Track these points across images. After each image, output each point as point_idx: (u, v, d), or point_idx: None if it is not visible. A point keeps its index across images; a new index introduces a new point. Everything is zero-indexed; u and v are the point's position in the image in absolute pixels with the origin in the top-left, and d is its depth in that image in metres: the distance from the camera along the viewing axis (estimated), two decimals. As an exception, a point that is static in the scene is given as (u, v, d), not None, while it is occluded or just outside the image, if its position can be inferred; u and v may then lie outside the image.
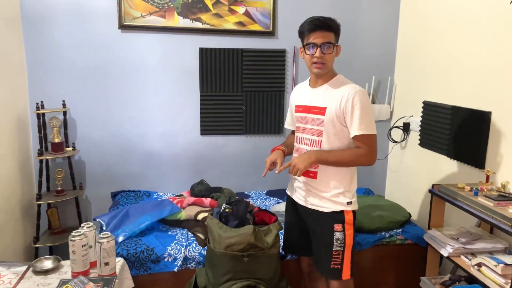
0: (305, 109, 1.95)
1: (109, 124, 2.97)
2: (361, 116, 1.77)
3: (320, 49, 1.81)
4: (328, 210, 1.88)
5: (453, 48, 2.53)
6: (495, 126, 2.19)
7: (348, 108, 1.79)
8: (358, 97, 1.78)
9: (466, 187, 2.08)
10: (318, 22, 1.82)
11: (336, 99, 1.82)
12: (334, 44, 1.83)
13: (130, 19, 2.84)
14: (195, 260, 2.27)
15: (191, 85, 3.04)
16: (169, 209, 2.51)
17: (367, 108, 1.80)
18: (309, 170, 1.89)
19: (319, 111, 1.87)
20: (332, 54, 1.84)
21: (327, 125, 1.84)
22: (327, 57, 1.82)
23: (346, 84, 1.86)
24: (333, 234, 1.87)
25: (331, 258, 1.88)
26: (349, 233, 1.88)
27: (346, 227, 1.87)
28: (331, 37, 1.82)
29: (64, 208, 2.93)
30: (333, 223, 1.87)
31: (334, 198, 1.88)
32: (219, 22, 2.97)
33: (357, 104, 1.78)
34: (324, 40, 1.81)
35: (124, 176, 3.06)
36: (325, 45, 1.80)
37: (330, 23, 1.83)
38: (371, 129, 1.80)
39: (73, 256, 1.61)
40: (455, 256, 2.03)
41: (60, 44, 2.82)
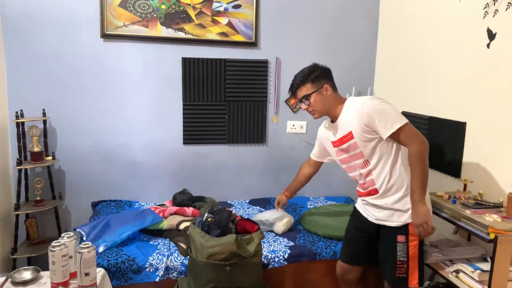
0: (339, 142, 2.03)
1: (91, 133, 2.95)
2: (381, 118, 1.83)
3: (302, 103, 2.01)
4: (393, 224, 1.96)
5: (429, 61, 2.61)
6: (470, 136, 2.26)
7: (366, 119, 1.85)
8: (367, 105, 1.85)
9: (445, 195, 2.13)
10: (291, 86, 2.03)
11: (354, 119, 1.90)
12: (310, 95, 1.96)
13: (112, 28, 2.84)
14: (177, 270, 2.26)
15: (174, 95, 3.04)
16: (151, 218, 2.49)
17: (381, 108, 1.84)
18: (369, 190, 2.01)
19: (348, 137, 1.95)
20: (315, 102, 1.97)
21: (361, 143, 1.92)
22: (313, 106, 1.98)
23: (353, 102, 1.94)
24: (396, 245, 1.94)
25: (396, 268, 1.95)
26: (413, 244, 1.93)
27: (410, 238, 1.93)
28: (306, 90, 1.97)
29: (43, 218, 2.88)
30: (396, 234, 1.94)
31: (398, 205, 1.93)
32: (202, 32, 2.99)
33: (370, 112, 1.84)
34: (300, 96, 2.00)
35: (105, 186, 3.02)
36: (303, 99, 1.99)
37: (299, 80, 1.99)
38: (399, 121, 1.82)
39: (53, 267, 1.58)
40: (434, 263, 2.07)
41: (41, 52, 2.79)
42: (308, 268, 2.39)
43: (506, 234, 1.68)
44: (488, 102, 2.14)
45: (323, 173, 3.34)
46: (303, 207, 3.08)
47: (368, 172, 1.97)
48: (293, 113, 3.26)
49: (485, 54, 2.15)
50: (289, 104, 3.24)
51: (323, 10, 3.18)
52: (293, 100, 3.23)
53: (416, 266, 1.95)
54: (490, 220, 1.77)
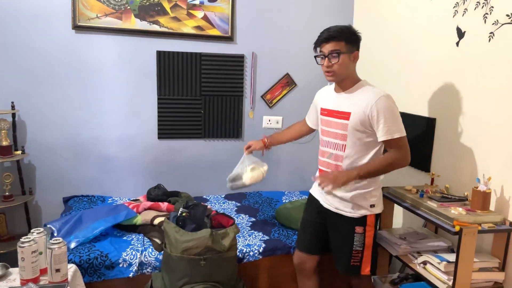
0: (329, 113, 2.00)
1: (62, 127, 2.88)
2: (387, 120, 1.81)
3: (327, 59, 1.87)
4: (351, 215, 1.96)
5: (402, 58, 2.67)
6: (440, 132, 2.33)
7: (373, 113, 1.82)
8: (382, 102, 1.82)
9: (413, 189, 2.19)
10: (326, 34, 1.87)
11: (360, 105, 1.86)
12: (341, 53, 1.85)
13: (84, 20, 2.78)
14: (151, 265, 2.24)
15: (148, 88, 3.01)
16: (125, 214, 2.47)
17: (392, 111, 1.83)
18: (335, 164, 1.97)
19: (343, 115, 1.91)
20: (342, 62, 1.86)
21: (351, 129, 1.88)
22: (335, 66, 1.86)
23: (370, 89, 1.90)
24: (353, 235, 1.96)
25: (351, 256, 1.98)
26: (369, 235, 1.97)
27: (367, 229, 1.97)
28: (340, 46, 1.85)
29: (12, 214, 2.81)
30: (355, 225, 1.96)
31: (358, 201, 1.94)
32: (178, 26, 2.96)
33: (382, 109, 1.81)
34: (330, 49, 1.86)
35: (77, 181, 2.97)
36: (331, 54, 1.85)
37: (337, 33, 1.86)
38: (401, 131, 1.83)
39: (22, 263, 1.55)
40: (403, 255, 2.13)
41: (10, 43, 2.70)
42: (283, 261, 2.42)
43: (470, 226, 1.75)
44: (457, 99, 2.20)
45: (298, 168, 3.40)
46: (279, 201, 3.11)
47: (340, 157, 1.96)
48: (269, 108, 3.28)
49: (455, 52, 2.22)
50: (265, 99, 3.25)
51: (298, 5, 3.20)
52: (269, 95, 3.25)
53: (370, 254, 2.00)
54: (455, 213, 1.83)
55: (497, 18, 1.95)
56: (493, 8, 1.97)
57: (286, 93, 3.28)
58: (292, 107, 3.29)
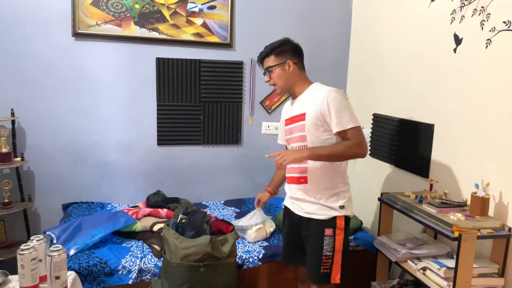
0: (290, 121, 2.04)
1: (61, 134, 2.89)
2: (338, 112, 1.83)
3: (266, 75, 2.03)
4: (322, 217, 1.94)
5: (400, 65, 2.68)
6: (438, 138, 2.34)
7: (324, 107, 1.85)
8: (332, 95, 1.85)
9: (412, 195, 2.20)
10: (260, 54, 2.04)
11: (313, 103, 1.90)
12: (273, 67, 1.97)
13: (84, 27, 2.79)
14: (150, 272, 2.24)
15: (148, 95, 3.02)
16: (124, 220, 2.47)
17: (343, 103, 1.85)
18: (300, 176, 1.97)
19: (300, 118, 1.95)
20: (277, 75, 1.97)
21: (309, 128, 1.91)
22: (274, 79, 1.99)
23: (320, 88, 1.95)
24: (323, 238, 1.93)
25: (321, 263, 1.94)
26: (339, 238, 1.94)
27: (337, 232, 1.93)
28: (270, 62, 1.98)
29: (12, 221, 2.80)
30: (324, 228, 1.93)
31: (328, 202, 1.94)
32: (177, 33, 2.98)
33: (332, 102, 1.84)
34: (264, 67, 2.02)
35: (76, 187, 2.97)
36: (266, 70, 2.01)
37: (267, 50, 2.00)
38: (353, 122, 1.84)
39: (22, 271, 1.54)
40: (402, 261, 2.14)
41: (10, 51, 2.72)
42: (282, 268, 2.42)
43: (469, 232, 1.76)
44: (454, 105, 2.22)
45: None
46: (278, 208, 3.11)
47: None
48: (268, 114, 3.29)
49: (452, 58, 2.23)
50: (264, 105, 3.26)
51: (297, 12, 3.22)
52: (268, 101, 3.26)
53: (340, 261, 1.96)
54: (454, 218, 1.84)
55: (494, 25, 1.96)
56: (490, 15, 1.99)
57: (284, 100, 3.29)
58: (291, 113, 3.29)
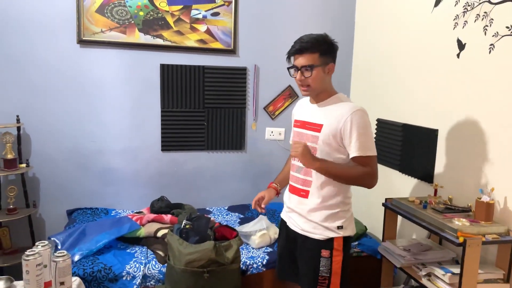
0: (302, 125, 1.89)
1: (66, 140, 2.90)
2: (360, 137, 1.70)
3: (300, 72, 1.76)
4: (318, 237, 1.81)
5: (403, 69, 2.69)
6: (442, 143, 2.34)
7: (346, 127, 1.71)
8: (357, 117, 1.70)
9: (416, 200, 2.19)
10: (299, 45, 1.75)
11: (334, 117, 1.75)
12: (315, 66, 1.73)
13: (89, 34, 2.82)
14: (154, 278, 2.24)
15: (152, 101, 3.04)
16: (128, 226, 2.47)
17: (366, 128, 1.72)
18: (302, 188, 1.86)
19: (315, 127, 1.80)
20: (316, 76, 1.74)
21: (321, 143, 1.77)
22: (309, 80, 1.75)
23: (345, 103, 1.78)
24: (319, 259, 1.80)
25: (317, 283, 1.82)
26: (337, 260, 1.80)
27: (334, 253, 1.80)
28: (313, 59, 1.73)
29: (17, 227, 2.81)
30: (321, 248, 1.81)
31: (325, 222, 1.80)
32: (181, 39, 3.00)
33: (355, 124, 1.70)
34: (303, 63, 1.74)
35: (80, 193, 2.98)
36: (304, 68, 1.74)
37: (311, 44, 1.73)
38: (374, 150, 1.73)
39: (27, 276, 1.55)
40: (407, 267, 2.13)
41: (15, 57, 2.74)
42: (286, 273, 2.41)
43: (474, 237, 1.75)
44: (458, 110, 2.21)
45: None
46: (281, 213, 3.10)
47: (309, 172, 1.83)
48: (272, 120, 3.30)
49: (455, 63, 2.23)
50: (268, 111, 3.27)
51: (300, 18, 3.23)
52: (272, 106, 3.27)
53: (338, 283, 1.82)
54: (459, 224, 1.83)
55: (497, 30, 1.97)
56: (493, 20, 1.99)
57: (288, 105, 3.30)
58: (295, 118, 3.30)
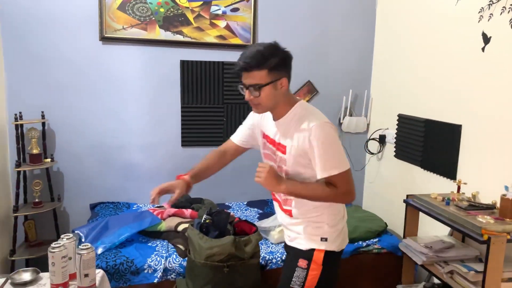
0: (272, 143, 1.70)
1: (89, 136, 2.96)
2: (322, 156, 1.51)
3: (248, 90, 1.56)
4: (299, 246, 1.67)
5: (426, 64, 2.64)
6: (466, 139, 2.29)
7: (306, 146, 1.53)
8: (315, 134, 1.51)
9: (439, 197, 2.16)
10: (242, 62, 1.52)
11: (295, 138, 1.57)
12: (263, 85, 1.52)
13: (111, 31, 2.86)
14: (175, 271, 2.27)
15: (172, 97, 3.06)
16: (149, 220, 2.51)
17: (330, 143, 1.53)
18: (284, 208, 1.72)
19: (282, 149, 1.63)
20: (266, 95, 1.54)
21: (290, 165, 1.61)
22: (258, 99, 1.56)
23: (304, 118, 1.57)
24: (295, 269, 1.64)
25: None
26: (313, 274, 1.62)
27: (312, 266, 1.62)
28: (260, 77, 1.51)
29: (42, 220, 2.89)
30: (299, 257, 1.65)
31: (308, 231, 1.66)
32: (200, 35, 3.02)
33: (315, 142, 1.51)
34: (250, 82, 1.54)
35: (103, 188, 3.04)
36: (251, 87, 1.54)
37: (257, 61, 1.51)
38: (340, 166, 1.53)
39: (53, 268, 1.59)
40: (428, 264, 2.10)
41: (40, 55, 2.81)
42: (305, 269, 2.41)
43: (499, 235, 1.71)
44: (483, 105, 2.16)
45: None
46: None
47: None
48: (291, 115, 3.28)
49: (480, 57, 2.18)
50: (287, 107, 3.26)
51: (320, 13, 3.20)
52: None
53: None
54: (483, 221, 1.79)
55: (524, 23, 1.91)
56: (520, 13, 1.93)
57: (308, 101, 3.28)
58: (314, 114, 3.28)
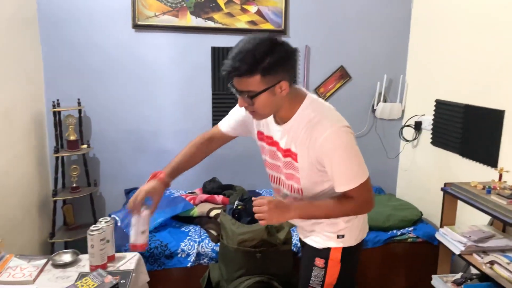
0: (275, 145, 1.54)
1: (123, 122, 3.02)
2: (338, 168, 1.38)
3: (241, 97, 1.38)
4: (314, 244, 1.57)
5: (466, 46, 2.52)
6: (509, 125, 2.18)
7: (321, 157, 1.37)
8: (329, 142, 1.35)
9: (479, 185, 2.07)
10: (229, 66, 1.30)
11: (304, 145, 1.40)
12: (257, 93, 1.32)
13: (143, 19, 2.89)
14: (208, 256, 2.30)
15: (203, 84, 3.07)
16: (182, 205, 2.55)
17: (345, 153, 1.37)
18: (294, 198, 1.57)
19: (292, 155, 1.45)
20: (262, 103, 1.35)
21: (303, 173, 1.45)
22: (256, 107, 1.37)
23: (316, 122, 1.37)
24: (312, 268, 1.56)
25: None
26: (332, 272, 1.54)
27: (330, 263, 1.54)
28: (252, 84, 1.31)
29: (79, 204, 2.98)
30: (315, 256, 1.56)
31: (323, 230, 1.55)
32: (231, 21, 3.00)
33: (330, 152, 1.36)
34: (241, 88, 1.34)
35: (137, 173, 3.10)
36: (244, 93, 1.35)
37: (247, 66, 1.28)
38: (356, 180, 1.39)
39: (92, 250, 1.64)
40: (467, 254, 2.03)
41: (76, 43, 2.87)
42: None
43: (545, 225, 1.63)
44: (528, 89, 2.06)
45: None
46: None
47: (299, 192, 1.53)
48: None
49: (526, 39, 2.07)
50: (318, 93, 3.21)
51: (354, -4, 3.12)
52: (323, 88, 3.21)
53: None
54: (528, 211, 1.71)
55: None
56: None
57: (340, 86, 3.22)
58: (346, 100, 3.22)
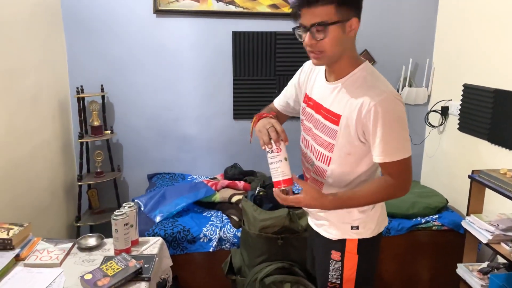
0: (316, 107, 1.45)
1: (145, 108, 3.04)
2: (385, 136, 1.26)
3: (309, 33, 1.27)
4: (329, 236, 1.49)
5: (496, 27, 2.41)
6: (542, 110, 2.10)
7: (368, 122, 1.26)
8: (383, 108, 1.24)
9: (509, 172, 2.01)
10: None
11: (354, 106, 1.29)
12: (330, 24, 1.22)
13: (165, 4, 2.87)
14: (229, 241, 2.32)
15: (224, 69, 3.05)
16: (204, 191, 2.56)
17: (396, 121, 1.27)
18: (316, 178, 1.49)
19: (332, 118, 1.36)
20: (332, 37, 1.25)
21: (340, 140, 1.35)
22: (322, 44, 1.26)
23: (369, 84, 1.30)
24: (329, 262, 1.49)
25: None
26: (350, 265, 1.46)
27: (347, 256, 1.46)
28: (327, 14, 1.22)
29: (103, 189, 3.04)
30: (331, 249, 1.48)
31: (338, 220, 1.46)
32: (253, 5, 2.95)
33: (380, 119, 1.24)
34: (313, 20, 1.23)
35: (159, 159, 3.13)
36: (314, 27, 1.24)
37: None
38: (401, 153, 1.28)
39: (116, 234, 1.66)
40: (494, 243, 1.98)
41: (98, 29, 2.88)
42: (359, 244, 2.37)
43: None
44: None
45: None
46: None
47: (322, 173, 1.45)
48: (345, 86, 3.17)
49: None
50: (341, 78, 3.15)
51: (379, -23, 3.02)
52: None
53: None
54: (562, 200, 1.65)
55: None
56: None
57: (363, 71, 3.14)
58: (370, 85, 3.14)
